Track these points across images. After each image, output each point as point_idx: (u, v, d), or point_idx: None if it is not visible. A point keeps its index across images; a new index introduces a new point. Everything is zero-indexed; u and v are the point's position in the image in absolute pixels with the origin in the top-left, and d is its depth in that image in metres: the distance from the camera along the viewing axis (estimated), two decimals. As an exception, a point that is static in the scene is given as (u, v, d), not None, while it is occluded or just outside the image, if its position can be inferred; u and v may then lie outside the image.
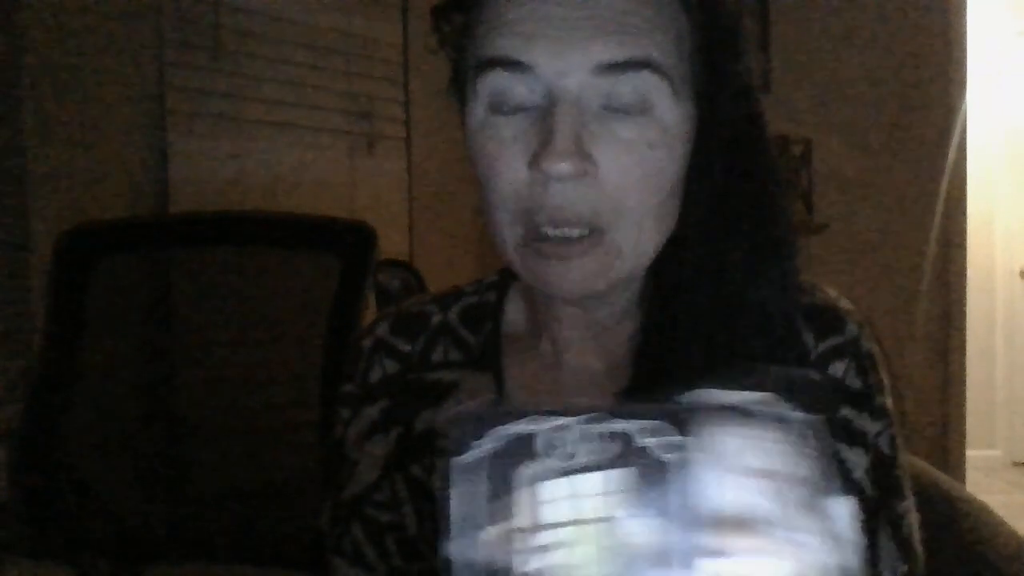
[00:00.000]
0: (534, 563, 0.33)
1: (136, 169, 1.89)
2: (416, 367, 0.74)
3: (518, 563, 0.33)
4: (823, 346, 0.64)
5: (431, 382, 0.72)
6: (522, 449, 0.35)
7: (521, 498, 0.34)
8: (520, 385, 0.71)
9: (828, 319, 0.65)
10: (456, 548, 0.34)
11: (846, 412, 0.63)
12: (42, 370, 1.46)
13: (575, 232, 0.59)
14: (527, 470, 0.35)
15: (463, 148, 0.65)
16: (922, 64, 3.08)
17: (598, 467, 0.34)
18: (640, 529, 0.33)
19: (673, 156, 0.61)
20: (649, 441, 0.34)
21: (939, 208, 3.10)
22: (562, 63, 0.58)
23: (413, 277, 1.98)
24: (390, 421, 0.72)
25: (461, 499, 0.35)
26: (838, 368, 0.64)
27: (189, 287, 1.57)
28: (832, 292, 0.68)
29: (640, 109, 0.59)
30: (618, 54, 0.58)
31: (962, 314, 3.17)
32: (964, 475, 3.19)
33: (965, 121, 3.11)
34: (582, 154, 0.57)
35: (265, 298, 1.52)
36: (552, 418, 0.35)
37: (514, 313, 0.74)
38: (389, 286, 1.89)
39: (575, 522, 0.34)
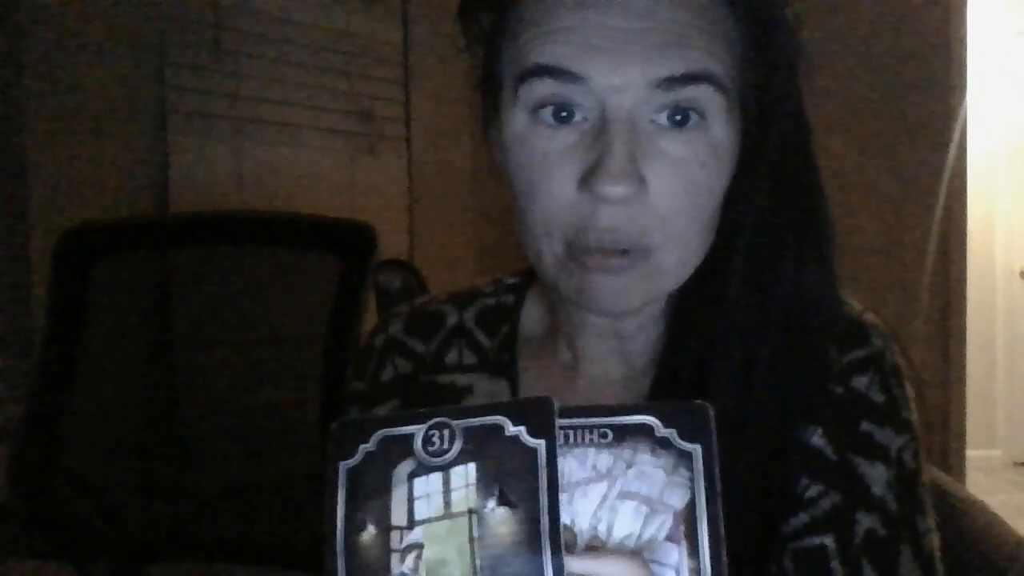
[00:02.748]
0: (409, 561, 0.35)
1: (136, 169, 1.89)
2: (429, 368, 0.72)
3: (395, 562, 0.35)
4: (846, 359, 0.63)
5: (444, 385, 0.71)
6: (401, 448, 0.37)
7: (397, 496, 0.36)
8: (534, 392, 0.69)
9: (853, 332, 0.64)
10: (339, 551, 0.35)
11: (867, 426, 0.61)
12: (42, 370, 1.46)
13: (620, 253, 0.58)
14: (404, 468, 0.36)
15: (465, 147, 0.64)
16: (922, 64, 3.08)
17: (470, 459, 0.36)
18: (508, 518, 0.34)
19: (721, 173, 0.59)
20: (520, 430, 0.36)
21: (939, 208, 3.10)
22: (619, 78, 0.55)
23: (413, 277, 1.98)
24: None
25: (345, 502, 0.36)
26: (861, 382, 0.62)
27: (189, 287, 1.57)
28: (857, 305, 0.66)
29: (694, 124, 0.57)
30: (677, 68, 0.55)
31: (962, 314, 3.17)
32: (964, 475, 3.19)
33: (965, 121, 3.11)
34: (636, 176, 0.55)
35: (265, 298, 1.52)
36: (430, 418, 0.37)
37: (532, 317, 0.72)
38: (389, 286, 1.89)
39: (447, 516, 0.35)
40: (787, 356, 0.61)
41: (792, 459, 0.61)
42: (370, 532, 0.35)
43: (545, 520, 0.34)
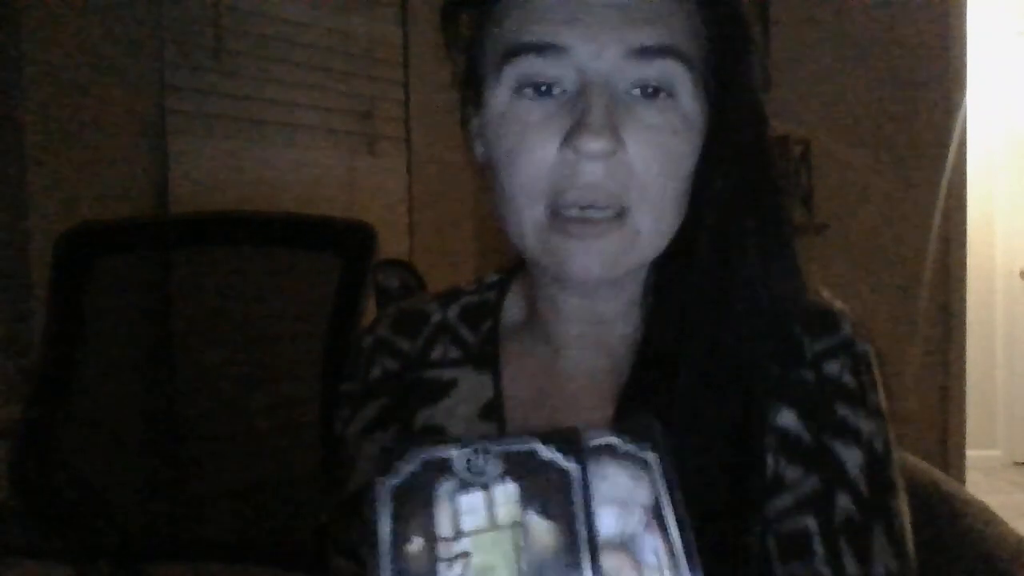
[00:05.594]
0: (457, 568, 0.37)
1: (136, 169, 1.89)
2: (415, 365, 0.74)
3: (442, 569, 0.37)
4: (818, 346, 0.65)
5: (429, 380, 0.73)
6: (441, 469, 0.39)
7: (442, 511, 0.38)
8: (517, 382, 0.71)
9: (822, 320, 0.66)
10: (386, 563, 0.37)
11: (842, 411, 0.64)
12: (42, 370, 1.46)
13: (600, 214, 0.61)
14: (447, 486, 0.39)
15: (463, 147, 0.66)
16: (922, 64, 3.08)
17: (511, 478, 0.39)
18: (550, 529, 0.37)
19: (692, 145, 0.63)
20: (553, 455, 0.39)
21: (939, 208, 3.10)
22: (596, 46, 0.60)
23: (413, 277, 1.98)
24: (389, 419, 0.73)
25: (392, 517, 0.38)
26: (833, 367, 0.64)
27: (189, 287, 1.57)
28: (826, 293, 0.69)
29: (665, 95, 0.62)
30: (649, 39, 0.60)
31: (962, 314, 3.17)
32: (964, 475, 3.19)
33: (965, 121, 3.11)
34: (615, 132, 0.60)
35: (265, 298, 1.52)
36: (469, 444, 0.40)
37: (514, 311, 0.75)
38: (389, 286, 1.89)
39: (492, 527, 0.38)
40: (754, 338, 0.64)
41: (761, 435, 0.63)
42: (417, 543, 0.37)
43: (583, 531, 0.37)
